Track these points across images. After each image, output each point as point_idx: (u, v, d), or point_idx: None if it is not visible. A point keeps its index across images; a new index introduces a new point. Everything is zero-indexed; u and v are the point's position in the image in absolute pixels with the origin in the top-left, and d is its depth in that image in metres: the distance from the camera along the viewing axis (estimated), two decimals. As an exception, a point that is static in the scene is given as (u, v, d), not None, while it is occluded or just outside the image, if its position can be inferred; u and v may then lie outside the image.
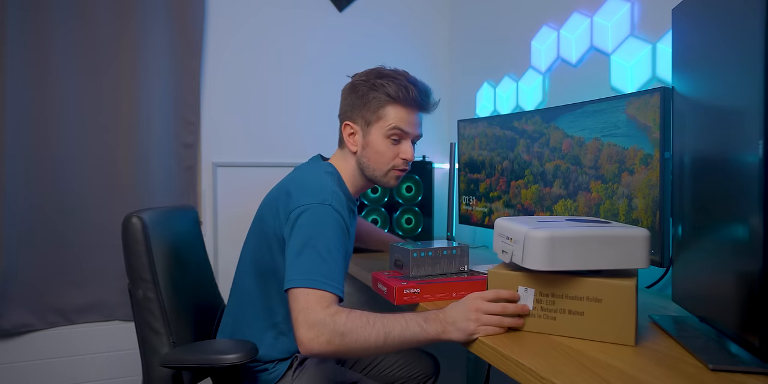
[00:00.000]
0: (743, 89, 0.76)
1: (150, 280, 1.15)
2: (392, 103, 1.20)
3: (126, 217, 1.16)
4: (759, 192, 0.71)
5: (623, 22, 1.49)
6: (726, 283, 0.81)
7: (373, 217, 1.93)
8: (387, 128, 1.20)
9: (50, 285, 1.83)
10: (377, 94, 1.20)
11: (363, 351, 0.95)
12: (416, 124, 1.24)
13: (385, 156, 1.22)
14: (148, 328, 1.14)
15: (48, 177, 1.82)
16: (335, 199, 1.12)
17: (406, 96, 1.19)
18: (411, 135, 1.23)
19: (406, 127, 1.21)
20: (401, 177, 1.28)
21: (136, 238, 1.15)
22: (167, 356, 1.07)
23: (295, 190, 1.14)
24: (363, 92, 1.21)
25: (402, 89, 1.19)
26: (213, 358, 1.02)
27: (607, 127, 1.24)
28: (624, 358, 0.83)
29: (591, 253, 0.91)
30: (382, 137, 1.22)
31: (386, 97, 1.19)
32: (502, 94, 2.06)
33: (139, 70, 1.90)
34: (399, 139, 1.22)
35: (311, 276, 1.00)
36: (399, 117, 1.20)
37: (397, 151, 1.23)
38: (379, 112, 1.20)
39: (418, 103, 1.22)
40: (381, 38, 2.34)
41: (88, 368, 1.89)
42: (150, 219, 1.18)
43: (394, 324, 0.95)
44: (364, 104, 1.21)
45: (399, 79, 1.20)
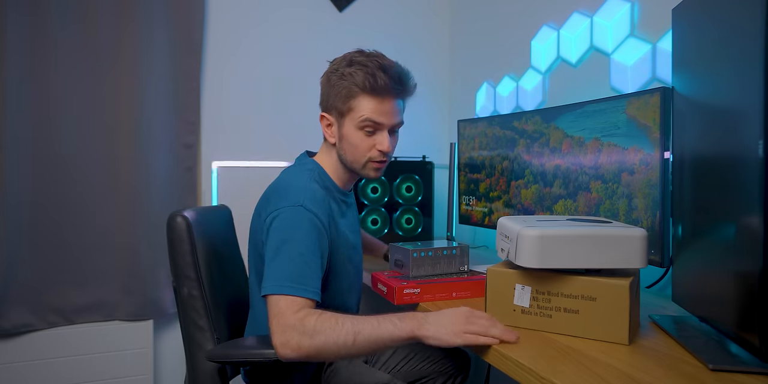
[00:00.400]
0: (743, 89, 0.76)
1: (194, 278, 1.18)
2: (361, 93, 1.13)
3: (171, 216, 1.19)
4: (759, 192, 0.71)
5: (623, 22, 1.49)
6: (726, 283, 0.81)
7: (373, 217, 1.93)
8: (358, 120, 1.15)
9: (50, 285, 1.83)
10: (346, 84, 1.14)
11: (334, 352, 0.94)
12: (391, 112, 1.16)
13: (360, 148, 1.17)
14: (193, 324, 1.17)
15: (48, 177, 1.82)
16: (309, 197, 1.10)
17: (374, 85, 1.12)
18: (385, 125, 1.16)
19: (378, 118, 1.14)
20: (381, 168, 1.22)
21: (181, 237, 1.18)
22: (214, 351, 1.10)
23: (272, 195, 1.14)
24: (334, 82, 1.17)
25: (370, 78, 1.12)
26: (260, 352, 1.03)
27: (607, 127, 1.24)
28: (624, 358, 0.83)
29: (584, 252, 0.92)
30: (354, 129, 1.16)
31: (355, 88, 1.13)
32: (502, 94, 2.06)
33: (139, 71, 1.90)
34: (373, 130, 1.16)
35: (281, 282, 1.00)
36: (370, 107, 1.14)
37: (373, 142, 1.17)
38: (350, 103, 1.15)
39: (390, 91, 1.14)
40: (381, 38, 2.34)
41: (88, 368, 1.89)
42: (193, 218, 1.21)
43: (364, 324, 0.94)
44: (335, 95, 1.17)
45: (369, 66, 1.13)
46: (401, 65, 1.20)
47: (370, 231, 1.93)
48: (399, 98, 1.18)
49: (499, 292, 1.01)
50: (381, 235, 1.94)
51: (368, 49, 1.22)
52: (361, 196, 1.91)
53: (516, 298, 0.99)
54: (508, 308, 1.00)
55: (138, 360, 1.95)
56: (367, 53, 1.19)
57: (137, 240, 1.90)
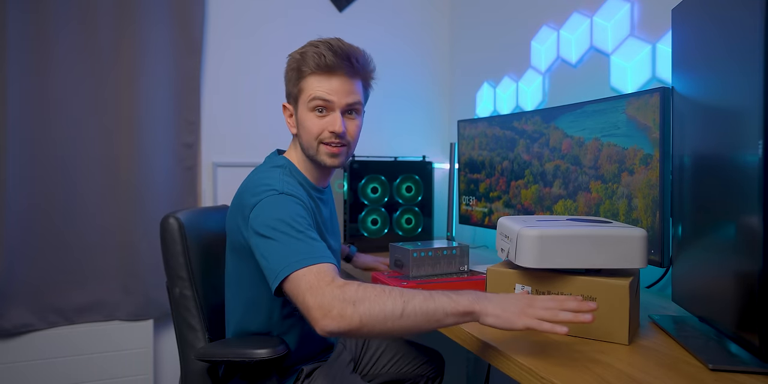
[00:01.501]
0: (743, 89, 0.76)
1: (186, 278, 1.19)
2: (309, 73, 1.11)
3: (164, 217, 1.20)
4: (759, 192, 0.71)
5: (623, 22, 1.49)
6: (726, 283, 0.81)
7: (373, 217, 1.93)
8: (308, 100, 1.12)
9: (50, 285, 1.83)
10: (296, 65, 1.13)
11: (381, 322, 0.82)
12: (342, 90, 1.11)
13: (311, 130, 1.13)
14: (185, 324, 1.18)
15: (48, 177, 1.82)
16: (285, 186, 1.06)
17: (319, 62, 1.09)
18: (336, 104, 1.11)
19: (326, 96, 1.11)
20: (337, 154, 1.15)
21: (173, 238, 1.19)
22: (202, 350, 1.10)
23: (245, 193, 1.09)
24: (287, 69, 1.16)
25: (315, 56, 1.09)
26: (245, 352, 1.03)
27: (607, 127, 1.24)
28: (623, 358, 0.83)
29: (583, 252, 0.92)
30: (306, 111, 1.13)
31: (304, 68, 1.11)
32: (502, 94, 2.06)
33: (139, 71, 1.90)
34: (324, 111, 1.12)
35: (295, 258, 0.92)
36: (317, 86, 1.11)
37: (324, 124, 1.12)
38: (300, 84, 1.13)
39: (340, 67, 1.10)
40: (381, 38, 2.34)
41: (88, 368, 1.89)
42: (186, 219, 1.22)
43: (414, 293, 0.85)
44: (289, 80, 1.16)
45: (318, 46, 1.11)
46: (361, 49, 1.17)
47: (370, 231, 1.93)
48: (352, 77, 1.14)
49: (499, 291, 1.00)
50: (381, 236, 1.94)
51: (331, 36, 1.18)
52: (361, 196, 1.91)
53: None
54: (508, 308, 0.99)
55: (138, 360, 1.95)
56: (323, 38, 1.15)
57: (137, 240, 1.91)
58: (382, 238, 1.92)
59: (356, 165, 1.91)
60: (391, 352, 1.46)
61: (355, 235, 1.91)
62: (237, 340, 1.15)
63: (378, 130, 2.36)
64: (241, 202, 1.09)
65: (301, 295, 0.88)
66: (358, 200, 1.91)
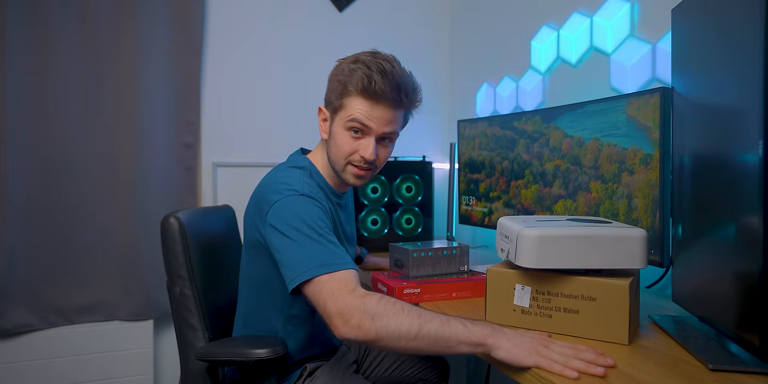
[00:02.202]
0: (743, 89, 0.76)
1: (186, 277, 1.19)
2: (355, 92, 1.09)
3: (164, 217, 1.21)
4: (759, 192, 0.71)
5: (623, 22, 1.49)
6: (726, 283, 0.81)
7: (373, 217, 1.93)
8: (347, 119, 1.10)
9: (50, 285, 1.83)
10: (344, 80, 1.10)
11: (395, 340, 0.85)
12: (382, 119, 1.10)
13: (342, 149, 1.12)
14: (185, 323, 1.18)
15: (49, 177, 1.82)
16: (305, 187, 1.06)
17: (367, 87, 1.06)
18: (373, 131, 1.10)
19: (366, 121, 1.09)
20: (364, 176, 1.15)
21: (173, 238, 1.19)
22: (201, 349, 1.10)
23: (266, 190, 1.09)
24: (334, 77, 1.13)
25: (365, 79, 1.06)
26: (244, 352, 1.03)
27: (607, 127, 1.24)
28: (623, 358, 0.83)
29: (583, 252, 0.92)
30: (342, 128, 1.11)
31: (350, 85, 1.09)
32: (502, 94, 2.06)
33: (139, 70, 1.90)
34: (360, 133, 1.11)
35: (318, 263, 0.94)
36: (359, 109, 1.09)
37: (357, 146, 1.11)
38: (343, 100, 1.11)
39: (385, 97, 1.08)
40: (381, 38, 2.34)
41: (88, 368, 1.89)
42: (187, 219, 1.22)
43: (432, 317, 0.86)
44: (333, 90, 1.13)
45: (371, 67, 1.07)
46: (411, 76, 1.14)
47: (370, 231, 1.93)
48: (396, 108, 1.12)
49: (499, 292, 1.01)
50: (381, 236, 1.94)
51: (384, 52, 1.16)
52: (361, 196, 1.91)
53: (516, 298, 0.99)
54: (508, 308, 1.00)
55: (138, 360, 1.95)
56: (377, 54, 1.13)
57: (137, 239, 1.91)
58: (382, 238, 1.92)
59: (356, 165, 1.91)
60: (394, 355, 1.45)
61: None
62: (236, 339, 1.15)
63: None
64: (261, 198, 1.09)
65: (322, 301, 0.91)
66: (358, 200, 1.91)
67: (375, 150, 1.12)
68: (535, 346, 0.83)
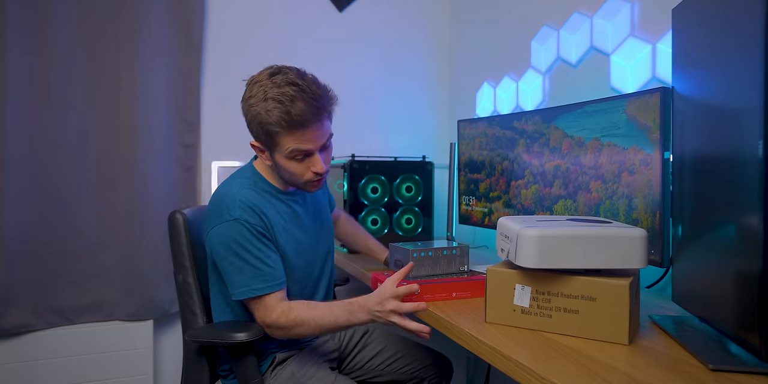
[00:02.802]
0: (743, 89, 0.76)
1: (189, 267, 1.33)
2: (282, 131, 1.13)
3: (171, 213, 1.36)
4: (759, 192, 0.71)
5: (623, 22, 1.49)
6: (726, 283, 0.81)
7: (373, 217, 1.93)
8: (286, 152, 1.16)
9: (50, 285, 1.83)
10: (264, 122, 1.13)
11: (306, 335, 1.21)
12: (315, 137, 1.16)
13: (296, 174, 1.20)
14: (187, 308, 1.32)
15: (48, 176, 1.82)
16: (239, 208, 1.17)
17: (291, 121, 1.11)
18: (314, 149, 1.17)
19: (305, 147, 1.15)
20: (320, 183, 1.25)
21: (179, 231, 1.34)
22: (192, 331, 1.24)
23: (208, 212, 1.23)
24: (253, 116, 1.16)
25: (285, 116, 1.10)
26: (227, 335, 1.16)
27: (607, 127, 1.24)
28: (623, 358, 0.83)
29: (583, 252, 0.92)
30: (285, 160, 1.18)
31: (275, 127, 1.12)
32: (502, 94, 2.06)
33: (139, 71, 1.90)
34: (303, 157, 1.18)
35: (247, 287, 1.15)
36: (294, 141, 1.14)
37: (307, 166, 1.19)
38: (274, 139, 1.15)
39: (308, 120, 1.12)
40: (381, 38, 2.34)
41: (88, 368, 1.89)
42: (191, 215, 1.37)
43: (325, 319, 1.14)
44: (259, 133, 1.17)
45: (283, 101, 1.10)
46: (318, 82, 1.17)
47: (370, 231, 1.93)
48: (322, 120, 1.16)
49: (499, 292, 1.01)
50: (381, 236, 1.94)
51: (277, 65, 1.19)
52: (361, 197, 1.91)
53: (516, 298, 0.99)
54: (508, 308, 1.00)
55: (138, 360, 1.95)
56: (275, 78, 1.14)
57: (137, 240, 1.91)
58: (382, 238, 1.92)
59: (356, 165, 1.91)
60: (391, 350, 1.45)
61: (355, 235, 1.91)
62: (223, 324, 1.28)
63: (378, 130, 2.36)
64: (208, 215, 1.23)
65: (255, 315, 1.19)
66: (358, 200, 1.91)
67: (322, 160, 1.20)
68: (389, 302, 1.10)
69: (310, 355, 1.31)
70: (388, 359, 1.44)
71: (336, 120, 1.31)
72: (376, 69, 2.35)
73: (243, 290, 1.16)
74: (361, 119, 2.32)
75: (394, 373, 1.44)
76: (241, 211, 1.17)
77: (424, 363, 1.46)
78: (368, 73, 2.33)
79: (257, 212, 1.19)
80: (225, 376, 1.29)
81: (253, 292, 1.15)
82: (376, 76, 2.35)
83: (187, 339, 1.27)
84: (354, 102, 2.29)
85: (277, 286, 1.18)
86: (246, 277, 1.16)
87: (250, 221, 1.17)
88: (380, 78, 2.36)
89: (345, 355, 1.44)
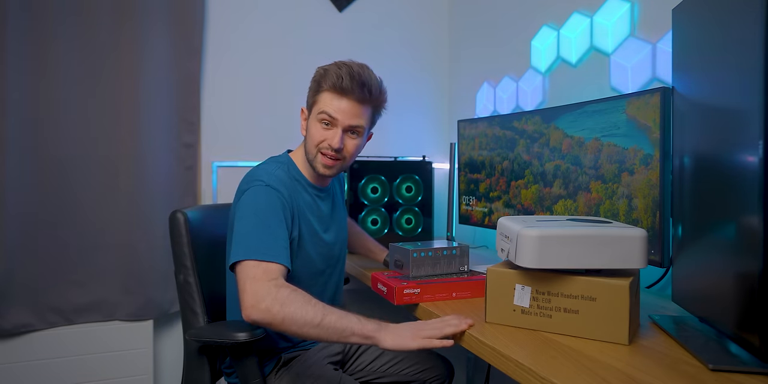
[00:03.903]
0: (743, 89, 0.76)
1: (190, 266, 1.32)
2: (325, 89, 1.24)
3: (172, 212, 1.35)
4: (759, 192, 0.71)
5: (623, 22, 1.49)
6: (726, 283, 0.81)
7: (373, 217, 1.93)
8: (318, 112, 1.24)
9: (50, 285, 1.83)
10: (319, 79, 1.25)
11: (299, 325, 0.99)
12: (349, 112, 1.23)
13: (314, 138, 1.26)
14: (188, 308, 1.31)
15: (48, 176, 1.82)
16: (274, 179, 1.20)
17: (335, 83, 1.21)
18: (339, 122, 1.23)
19: (333, 113, 1.23)
20: (332, 166, 1.27)
21: (179, 231, 1.33)
22: (193, 331, 1.23)
23: (242, 184, 1.25)
24: (312, 80, 1.28)
25: (333, 76, 1.22)
26: (228, 334, 1.14)
27: (607, 127, 1.24)
28: (623, 358, 0.83)
29: (583, 252, 0.92)
30: (315, 120, 1.26)
31: (323, 83, 1.24)
32: (502, 94, 2.06)
33: (139, 71, 1.90)
34: (329, 125, 1.24)
35: (256, 249, 1.08)
36: (328, 102, 1.23)
37: (326, 136, 1.24)
38: (316, 96, 1.26)
39: (352, 92, 1.22)
40: (381, 38, 2.34)
41: (88, 368, 1.89)
42: (192, 215, 1.37)
43: (333, 310, 1.01)
44: (310, 89, 1.28)
45: (342, 68, 1.23)
46: (379, 79, 1.28)
47: (370, 231, 1.93)
48: (362, 103, 1.24)
49: (499, 292, 1.01)
50: (381, 236, 1.94)
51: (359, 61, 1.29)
52: (361, 196, 1.91)
53: (516, 298, 0.99)
54: (508, 308, 1.00)
55: (138, 360, 1.95)
56: (351, 62, 1.27)
57: (137, 240, 1.90)
58: (382, 239, 1.92)
59: (356, 165, 1.91)
60: (393, 352, 1.45)
61: (355, 235, 1.91)
62: (224, 323, 1.27)
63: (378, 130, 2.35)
64: (239, 189, 1.24)
65: (242, 281, 1.05)
66: (358, 200, 1.91)
67: (341, 139, 1.24)
68: (414, 332, 0.98)
69: (315, 357, 1.30)
70: (390, 361, 1.45)
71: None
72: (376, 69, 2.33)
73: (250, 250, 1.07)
74: (361, 119, 2.32)
75: (396, 374, 1.44)
76: (274, 181, 1.20)
77: (426, 365, 1.46)
78: (368, 73, 2.33)
79: (288, 188, 1.23)
80: (229, 373, 1.29)
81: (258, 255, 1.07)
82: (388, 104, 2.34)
83: (188, 338, 1.26)
84: (354, 102, 2.29)
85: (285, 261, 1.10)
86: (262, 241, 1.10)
87: (281, 191, 1.19)
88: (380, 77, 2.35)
89: (348, 357, 1.44)
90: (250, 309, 1.00)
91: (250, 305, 1.00)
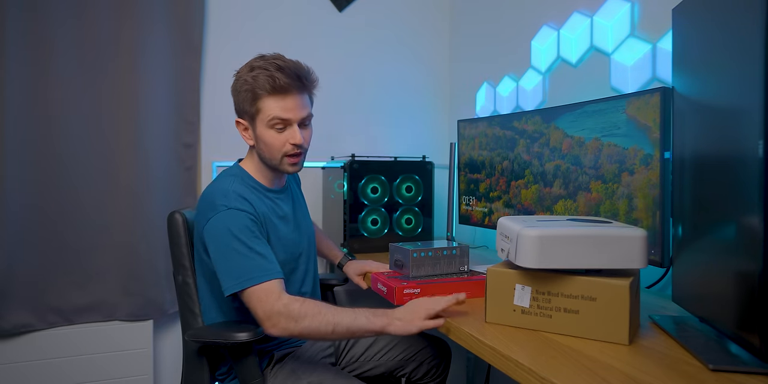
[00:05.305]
0: (743, 89, 0.76)
1: (188, 267, 1.33)
2: (265, 95, 1.22)
3: (170, 213, 1.35)
4: (759, 192, 0.71)
5: (623, 22, 1.49)
6: (726, 283, 0.81)
7: (373, 217, 1.93)
8: (267, 120, 1.23)
9: (50, 285, 1.83)
10: (250, 88, 1.22)
11: (315, 336, 1.10)
12: (296, 107, 1.24)
13: (274, 146, 1.25)
14: (187, 309, 1.32)
15: (48, 177, 1.82)
16: (234, 198, 1.20)
17: (274, 85, 1.20)
18: (292, 120, 1.24)
19: (284, 115, 1.22)
20: (297, 163, 1.29)
21: (178, 232, 1.34)
22: (192, 331, 1.23)
23: (201, 206, 1.24)
24: (239, 89, 1.25)
25: (269, 80, 1.20)
26: (228, 335, 1.15)
27: (607, 127, 1.24)
28: (623, 358, 0.83)
29: (584, 252, 0.92)
30: (266, 128, 1.24)
31: (258, 90, 1.21)
32: (502, 94, 2.06)
33: (139, 70, 1.90)
34: (283, 127, 1.24)
35: (249, 277, 1.12)
36: (273, 106, 1.22)
37: (285, 138, 1.25)
38: (257, 105, 1.23)
39: (291, 88, 1.22)
40: (381, 38, 2.34)
41: (88, 368, 1.89)
42: (191, 215, 1.37)
43: (343, 316, 1.09)
44: (243, 100, 1.25)
45: (268, 69, 1.21)
46: (301, 63, 1.27)
47: (370, 231, 1.93)
48: (302, 93, 1.25)
49: (499, 292, 1.01)
50: (381, 236, 1.94)
51: (269, 52, 1.29)
52: (361, 196, 1.91)
53: (516, 298, 0.99)
54: (508, 308, 1.00)
55: (138, 360, 1.95)
56: (266, 57, 1.26)
57: (137, 240, 1.90)
58: (382, 239, 1.92)
59: (356, 165, 1.91)
60: (384, 340, 1.47)
61: (355, 235, 1.91)
62: (223, 324, 1.27)
63: (378, 130, 2.36)
64: (202, 209, 1.23)
65: (252, 307, 1.12)
66: (358, 200, 1.91)
67: (300, 134, 1.25)
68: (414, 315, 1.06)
69: (308, 352, 1.31)
70: (382, 349, 1.46)
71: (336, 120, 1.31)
72: (376, 69, 2.35)
73: (242, 280, 1.12)
74: (361, 119, 2.32)
75: (391, 361, 1.45)
76: (235, 201, 1.20)
77: (419, 347, 1.48)
78: (368, 73, 2.33)
79: (250, 203, 1.22)
80: (222, 379, 1.30)
81: (250, 282, 1.11)
82: (376, 76, 2.35)
83: (187, 339, 1.26)
84: (354, 102, 2.30)
85: (278, 274, 1.15)
86: (246, 266, 1.13)
87: (245, 210, 1.19)
88: (380, 78, 2.36)
89: (340, 351, 1.45)
90: (271, 328, 1.10)
91: (270, 325, 1.10)
